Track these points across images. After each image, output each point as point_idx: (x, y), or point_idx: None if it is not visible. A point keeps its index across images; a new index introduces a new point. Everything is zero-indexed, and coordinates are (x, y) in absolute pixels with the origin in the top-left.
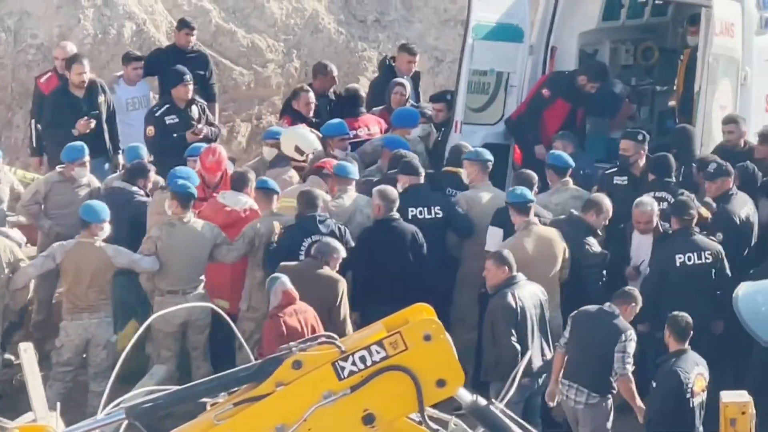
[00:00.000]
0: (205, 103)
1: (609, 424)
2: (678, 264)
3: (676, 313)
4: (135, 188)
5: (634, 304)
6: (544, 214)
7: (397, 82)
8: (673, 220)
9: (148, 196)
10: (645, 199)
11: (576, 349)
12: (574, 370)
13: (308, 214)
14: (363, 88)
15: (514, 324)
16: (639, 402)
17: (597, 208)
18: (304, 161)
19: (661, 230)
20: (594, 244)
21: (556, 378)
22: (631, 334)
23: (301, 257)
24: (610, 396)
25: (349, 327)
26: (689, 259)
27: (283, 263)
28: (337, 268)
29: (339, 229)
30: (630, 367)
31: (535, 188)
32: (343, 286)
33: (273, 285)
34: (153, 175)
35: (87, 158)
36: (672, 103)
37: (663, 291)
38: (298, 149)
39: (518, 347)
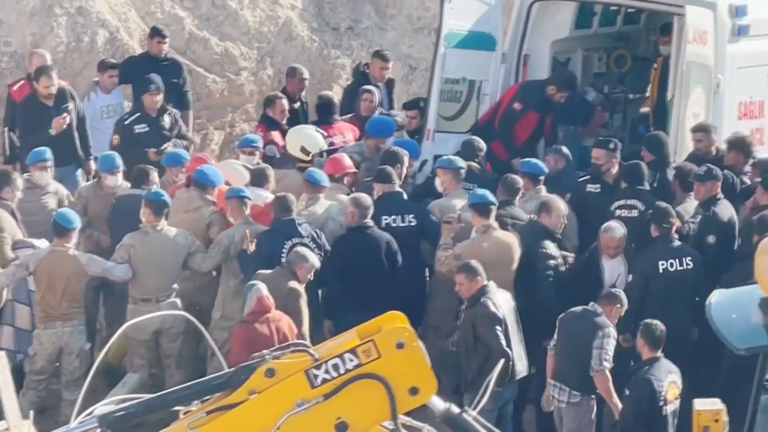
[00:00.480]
0: (179, 113)
1: (593, 424)
2: (661, 270)
3: (650, 321)
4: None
5: (618, 305)
6: (522, 217)
7: (366, 89)
8: (653, 227)
9: None
10: (613, 224)
11: (560, 350)
12: (559, 370)
13: (285, 218)
14: (336, 95)
15: (502, 331)
16: (615, 399)
17: (547, 208)
18: (309, 161)
19: (632, 249)
20: (550, 247)
21: (550, 381)
22: (609, 330)
23: (283, 260)
24: (593, 396)
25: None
26: (671, 265)
27: (259, 271)
28: (310, 277)
29: (315, 232)
30: (607, 364)
31: (520, 194)
32: (304, 299)
33: (249, 291)
34: (156, 177)
35: (49, 163)
36: (644, 109)
37: (646, 298)
38: (303, 150)
39: (510, 352)
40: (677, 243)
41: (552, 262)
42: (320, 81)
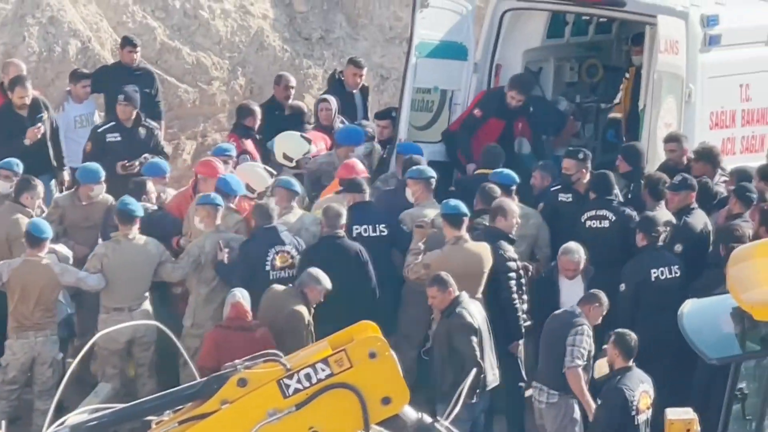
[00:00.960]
0: (157, 127)
1: (575, 423)
2: (653, 279)
3: (623, 330)
4: (148, 204)
5: (597, 304)
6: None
7: (323, 98)
8: (641, 236)
9: (161, 209)
10: (572, 246)
11: (541, 351)
12: (539, 370)
13: (268, 226)
14: (308, 105)
15: (477, 342)
16: (588, 398)
17: (502, 212)
18: (294, 167)
19: (591, 271)
20: (509, 250)
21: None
22: (583, 328)
23: (267, 268)
24: (572, 395)
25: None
26: (662, 273)
27: (273, 285)
28: (321, 299)
29: (296, 240)
30: (580, 362)
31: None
32: (304, 323)
33: (228, 297)
34: (152, 188)
35: (9, 172)
36: (612, 115)
37: (639, 305)
38: (286, 156)
39: (482, 363)
40: (664, 251)
41: (511, 264)
42: None
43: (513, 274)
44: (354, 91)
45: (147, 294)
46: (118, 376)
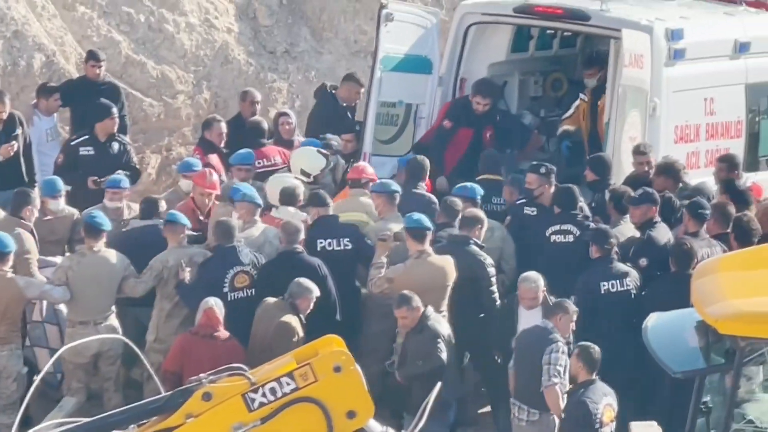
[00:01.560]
0: (130, 144)
1: None
2: (603, 291)
3: (586, 344)
4: (158, 220)
5: (561, 314)
6: None
7: (283, 112)
8: (594, 248)
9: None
10: (530, 275)
11: (517, 368)
12: (517, 388)
13: (227, 245)
14: (270, 120)
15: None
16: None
17: (480, 222)
18: (312, 182)
19: (550, 302)
20: (488, 256)
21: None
22: (558, 346)
23: (225, 289)
24: (552, 413)
25: None
26: (613, 286)
27: (267, 299)
28: (311, 308)
29: (256, 257)
30: (557, 379)
31: (479, 227)
32: (296, 337)
33: (201, 303)
34: (164, 206)
35: None
36: (565, 127)
37: (589, 318)
38: (303, 172)
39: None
40: (618, 264)
41: (491, 270)
42: None
43: (494, 280)
44: (345, 104)
45: (113, 308)
46: (83, 389)
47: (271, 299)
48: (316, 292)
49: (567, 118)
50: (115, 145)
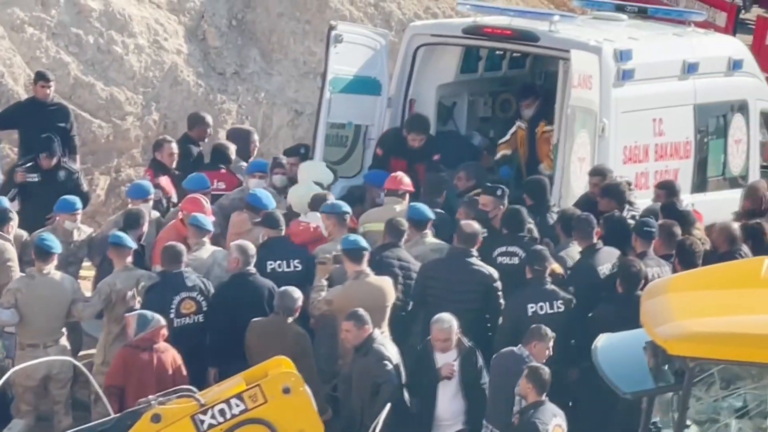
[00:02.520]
0: (77, 170)
1: None
2: (530, 313)
3: (536, 365)
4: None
5: (536, 341)
6: (408, 259)
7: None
8: (527, 269)
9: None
10: (443, 317)
11: (490, 391)
12: (489, 411)
13: (174, 271)
14: (222, 140)
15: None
16: None
17: (479, 235)
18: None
19: (466, 345)
20: (491, 269)
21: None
22: None
23: (172, 315)
24: None
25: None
26: (541, 308)
27: (253, 320)
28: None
29: (203, 283)
30: None
31: (404, 237)
32: (309, 341)
33: (145, 320)
34: (147, 219)
35: None
36: (503, 152)
37: (516, 341)
38: (318, 184)
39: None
40: (550, 286)
41: (498, 284)
42: None
43: (501, 294)
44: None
45: (64, 330)
46: (32, 412)
47: (258, 320)
48: (301, 295)
49: (504, 143)
50: (62, 173)
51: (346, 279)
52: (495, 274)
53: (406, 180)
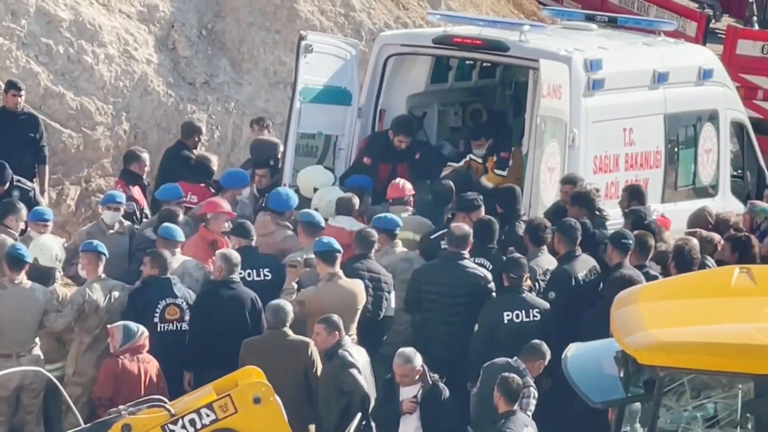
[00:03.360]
0: (32, 188)
1: None
2: (506, 321)
3: (507, 374)
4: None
5: (540, 360)
6: (379, 270)
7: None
8: (504, 276)
9: None
10: (406, 352)
11: (480, 399)
12: (476, 418)
13: (163, 277)
14: (193, 150)
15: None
16: None
17: (469, 238)
18: None
19: (431, 381)
20: (486, 271)
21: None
22: (530, 390)
23: (155, 320)
24: None
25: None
26: (517, 316)
27: (246, 340)
28: None
29: (188, 293)
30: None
31: (375, 248)
32: (313, 346)
33: (131, 329)
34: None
35: None
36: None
37: (491, 348)
38: (316, 190)
39: (370, 394)
40: (527, 294)
41: (491, 285)
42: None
43: (495, 295)
44: None
45: (37, 340)
46: (5, 423)
47: (254, 338)
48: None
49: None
50: (15, 192)
51: (316, 282)
52: (489, 276)
53: (408, 186)
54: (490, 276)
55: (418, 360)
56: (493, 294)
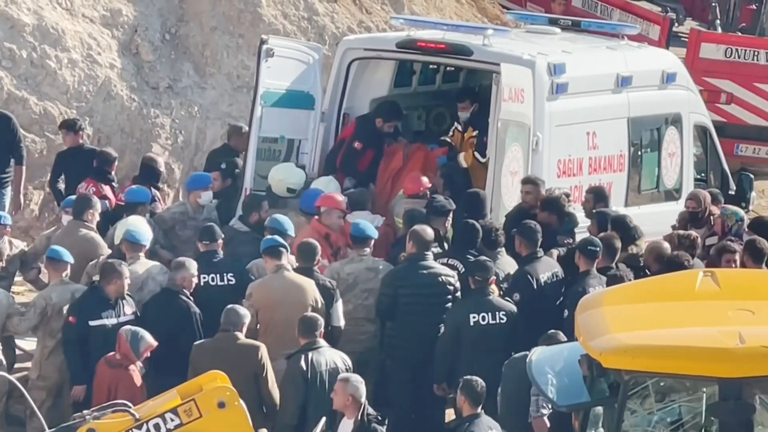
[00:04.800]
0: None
1: None
2: (471, 323)
3: (470, 377)
4: None
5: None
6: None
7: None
8: (470, 279)
9: None
10: (350, 377)
11: (505, 399)
12: (501, 416)
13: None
14: (158, 154)
15: (304, 390)
16: None
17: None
18: (296, 197)
19: (366, 419)
20: (450, 272)
21: None
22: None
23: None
24: None
25: (277, 393)
26: (483, 318)
27: (197, 342)
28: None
29: (136, 313)
30: (545, 411)
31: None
32: (264, 350)
33: (136, 335)
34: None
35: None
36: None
37: (457, 350)
38: (290, 189)
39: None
40: (493, 297)
41: (451, 287)
42: (140, 140)
43: (459, 295)
44: None
45: None
46: None
47: (205, 341)
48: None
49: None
50: None
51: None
52: (453, 276)
53: (424, 179)
54: (454, 277)
55: (360, 390)
56: (457, 294)
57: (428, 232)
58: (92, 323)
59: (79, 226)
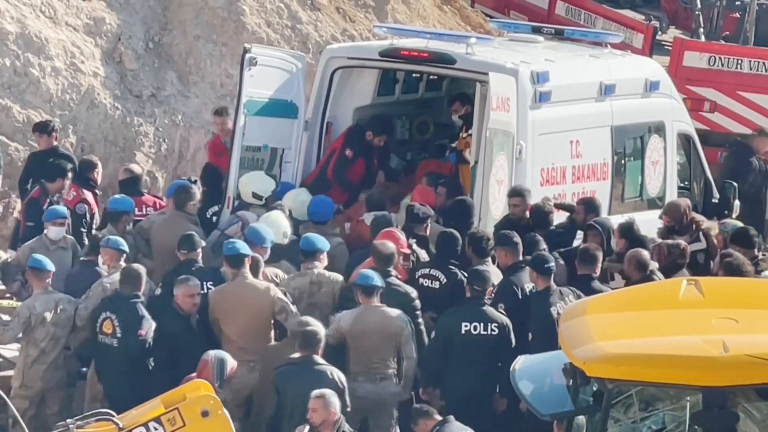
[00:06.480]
0: None
1: None
2: (463, 332)
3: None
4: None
5: None
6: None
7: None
8: (467, 287)
9: None
10: (325, 392)
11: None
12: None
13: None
14: (141, 162)
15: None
16: None
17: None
18: (263, 204)
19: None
20: (411, 289)
21: None
22: None
23: (97, 329)
24: None
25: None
26: (475, 328)
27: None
28: None
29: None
30: None
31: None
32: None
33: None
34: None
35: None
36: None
37: (446, 357)
38: (255, 195)
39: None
40: (487, 308)
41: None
42: (123, 149)
43: (419, 313)
44: None
45: None
46: None
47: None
48: None
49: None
50: None
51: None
52: (413, 293)
53: (434, 192)
54: (414, 293)
55: (335, 405)
56: (418, 312)
57: (390, 247)
58: None
59: (181, 217)
